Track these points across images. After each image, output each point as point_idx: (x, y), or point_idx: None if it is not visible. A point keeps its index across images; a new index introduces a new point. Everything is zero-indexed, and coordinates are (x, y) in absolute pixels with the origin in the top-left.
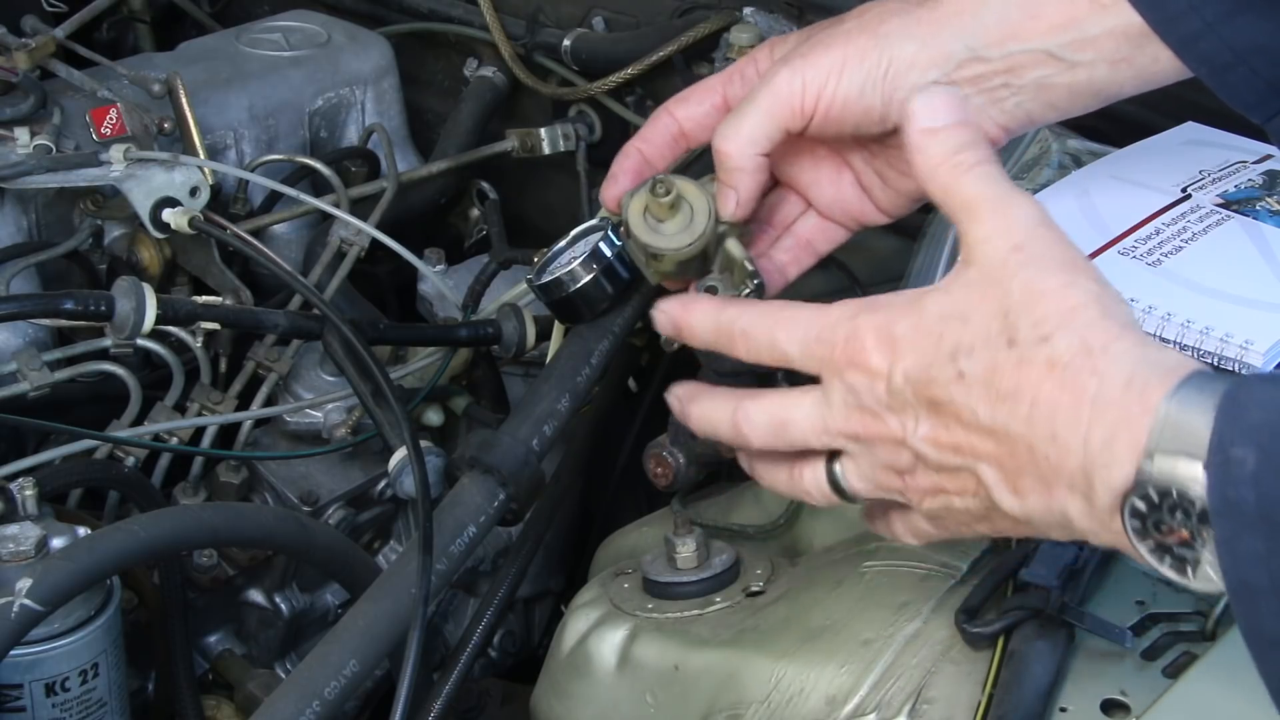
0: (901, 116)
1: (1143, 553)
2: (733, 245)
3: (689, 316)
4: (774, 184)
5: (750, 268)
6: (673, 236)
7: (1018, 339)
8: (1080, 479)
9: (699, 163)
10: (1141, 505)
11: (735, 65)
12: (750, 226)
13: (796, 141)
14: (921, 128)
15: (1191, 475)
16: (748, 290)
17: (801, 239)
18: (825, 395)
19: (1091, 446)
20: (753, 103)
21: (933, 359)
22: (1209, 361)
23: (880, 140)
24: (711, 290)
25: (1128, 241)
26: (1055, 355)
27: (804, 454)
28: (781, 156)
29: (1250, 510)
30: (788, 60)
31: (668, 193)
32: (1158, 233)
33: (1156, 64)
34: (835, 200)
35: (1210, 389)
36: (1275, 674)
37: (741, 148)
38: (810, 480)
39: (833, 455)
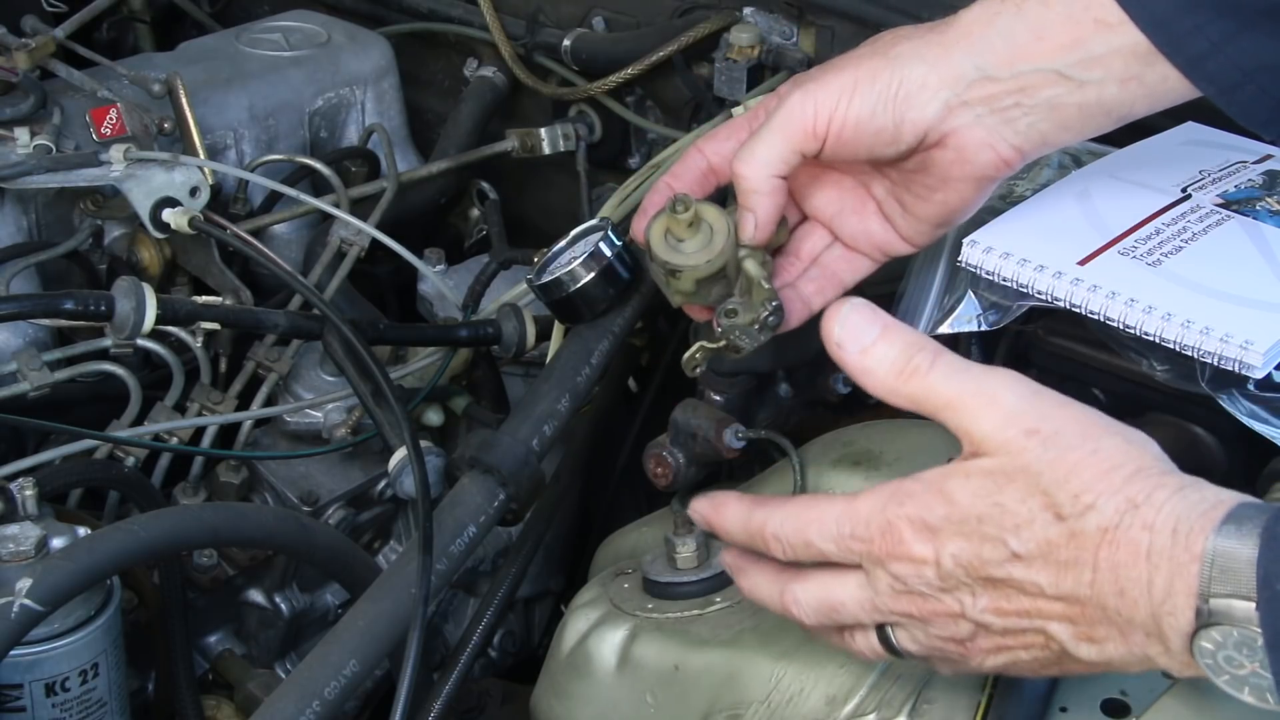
0: (831, 347)
1: (1222, 685)
2: (752, 268)
3: (720, 519)
4: (802, 219)
5: (768, 287)
6: (691, 255)
7: (1064, 513)
8: (1152, 625)
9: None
10: (1208, 645)
11: (760, 102)
12: (773, 258)
13: (820, 174)
14: (856, 352)
15: (1246, 615)
16: (767, 313)
17: (828, 270)
18: (870, 581)
19: (1155, 596)
20: (767, 127)
21: (980, 543)
22: (1209, 362)
23: (898, 168)
24: (732, 313)
25: (1128, 241)
26: (1104, 520)
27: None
28: (806, 189)
29: None
30: (800, 84)
31: (687, 209)
32: (1158, 233)
33: (1166, 83)
34: (860, 231)
35: (1249, 524)
36: None
37: (757, 170)
38: (863, 644)
39: (881, 624)
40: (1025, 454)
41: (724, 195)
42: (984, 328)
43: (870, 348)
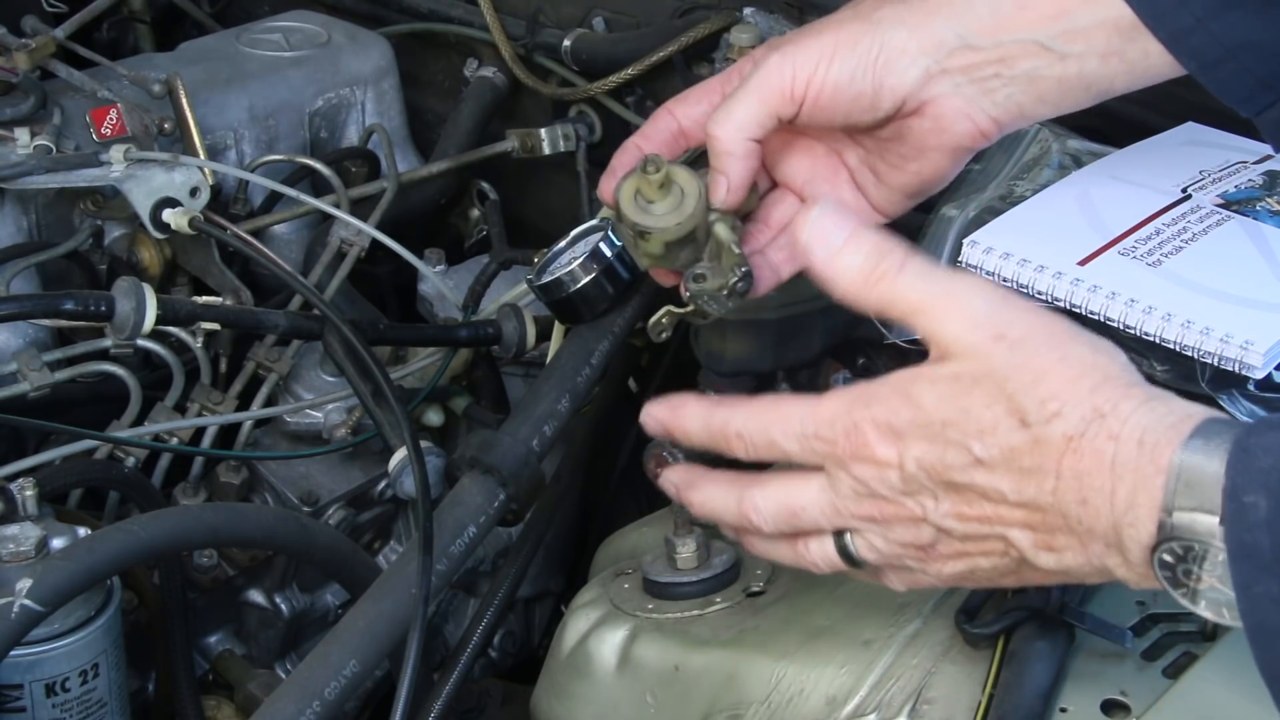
0: (800, 251)
1: (1178, 598)
2: (723, 232)
3: (679, 420)
4: (772, 186)
5: (738, 252)
6: (661, 217)
7: (1029, 419)
8: (1113, 536)
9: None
10: (1168, 558)
11: (735, 65)
12: (744, 224)
13: (792, 140)
14: (824, 256)
15: (1209, 529)
16: (736, 278)
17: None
18: (832, 484)
19: (1117, 507)
20: (744, 89)
21: (944, 448)
22: (1209, 362)
23: (873, 136)
24: (700, 278)
25: (1128, 242)
26: (1069, 428)
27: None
28: (778, 156)
29: (1265, 554)
30: (779, 47)
31: (657, 170)
32: (1158, 233)
33: (1147, 58)
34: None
35: (1217, 439)
36: None
37: (732, 133)
38: (818, 552)
39: (840, 529)
40: (992, 358)
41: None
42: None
43: (838, 252)
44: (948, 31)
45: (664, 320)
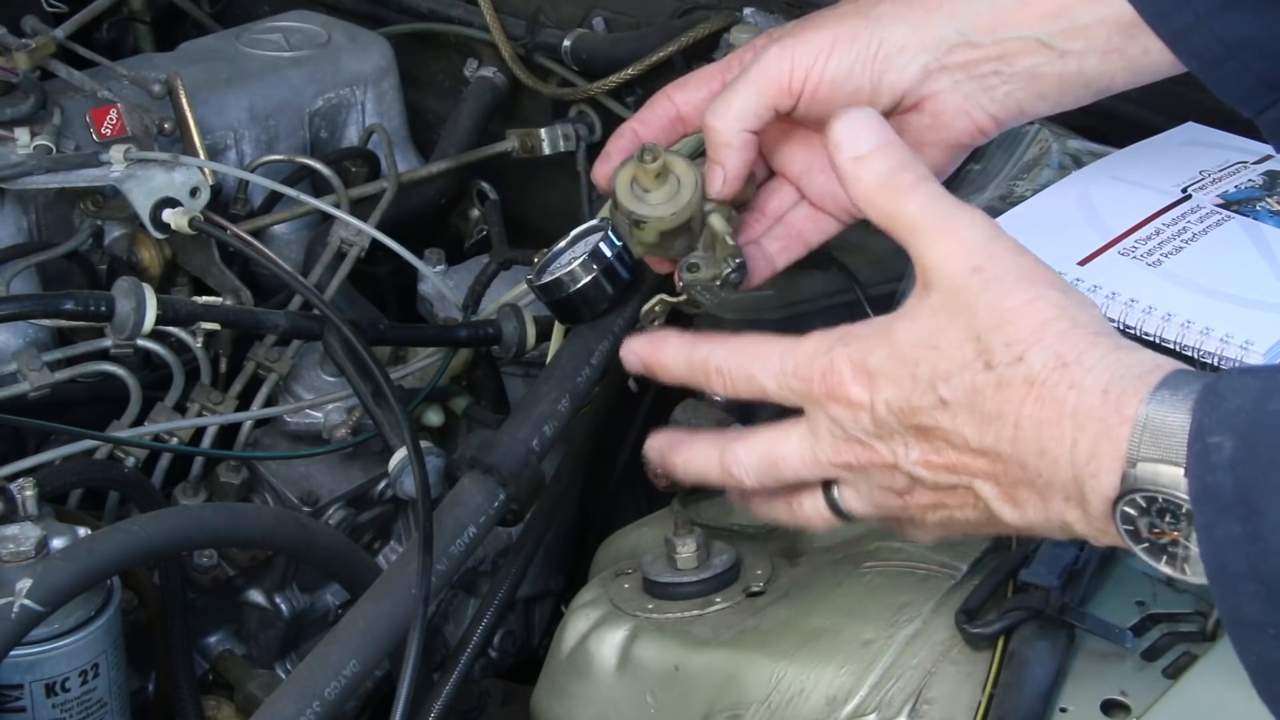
0: (827, 144)
1: (1139, 553)
2: (717, 222)
3: (659, 355)
4: (769, 175)
5: (732, 243)
6: (656, 206)
7: (994, 361)
8: (1073, 489)
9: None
10: (1131, 510)
11: (735, 53)
12: (739, 214)
13: (790, 130)
14: (850, 155)
15: (1173, 480)
16: (730, 269)
17: (793, 229)
18: (811, 429)
19: (1078, 458)
20: (742, 80)
21: (912, 388)
22: (1209, 362)
23: None
24: (694, 268)
25: (1128, 242)
26: (1031, 373)
27: (799, 485)
28: (775, 145)
29: (1227, 495)
30: (779, 39)
31: (655, 159)
32: (1158, 233)
33: (1147, 56)
34: (827, 191)
35: (1186, 389)
36: (1254, 657)
37: (730, 124)
38: (810, 509)
39: (828, 482)
40: (965, 291)
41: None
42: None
43: (864, 155)
44: (947, 28)
45: (656, 309)
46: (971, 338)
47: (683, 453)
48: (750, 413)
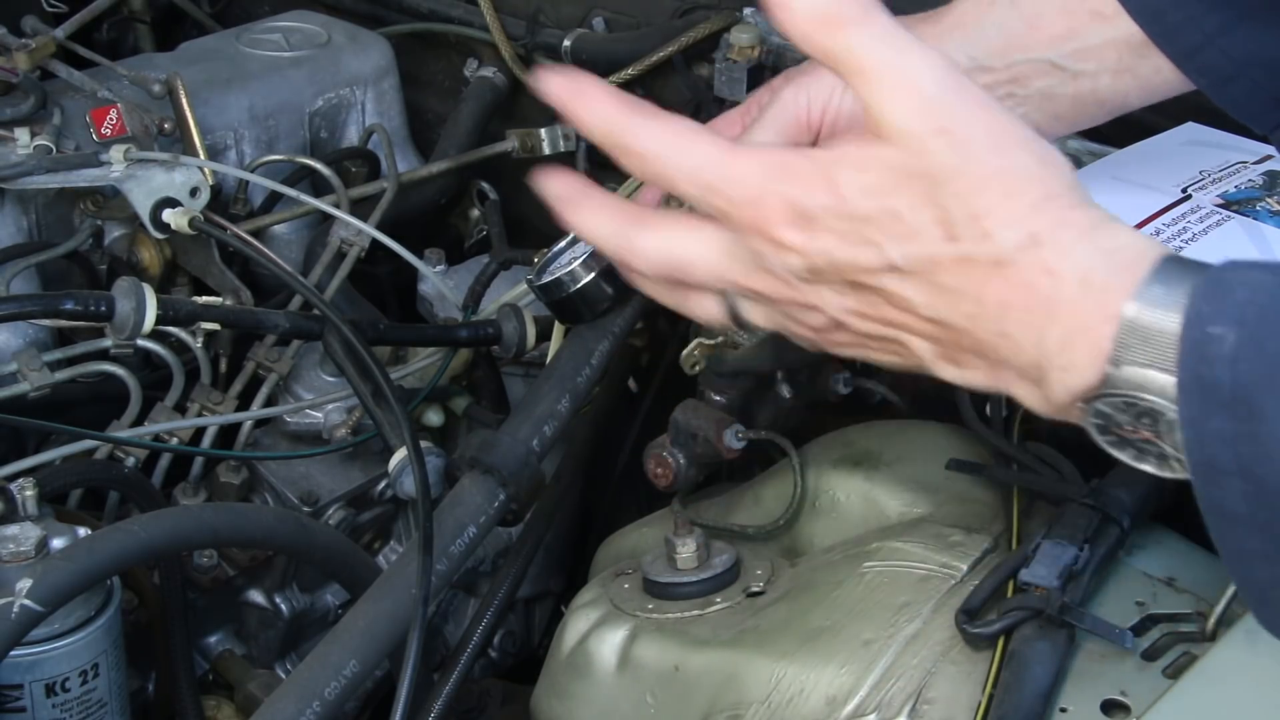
0: None
1: (1100, 442)
2: None
3: (581, 105)
4: None
5: None
6: None
7: (957, 234)
8: (1033, 372)
9: None
10: (1106, 408)
11: (754, 95)
12: None
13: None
14: None
15: (1162, 388)
16: None
17: None
18: (728, 247)
19: (1046, 348)
20: (760, 122)
21: (858, 247)
22: None
23: None
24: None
25: None
26: (1000, 252)
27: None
28: None
29: (1224, 391)
30: (793, 78)
31: (681, 205)
32: (1158, 233)
33: (1159, 75)
34: None
35: (1180, 281)
36: (1233, 548)
37: None
38: (706, 308)
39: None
40: (929, 155)
41: None
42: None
43: None
44: (959, 54)
45: (695, 352)
46: (933, 204)
47: (581, 213)
48: (751, 413)
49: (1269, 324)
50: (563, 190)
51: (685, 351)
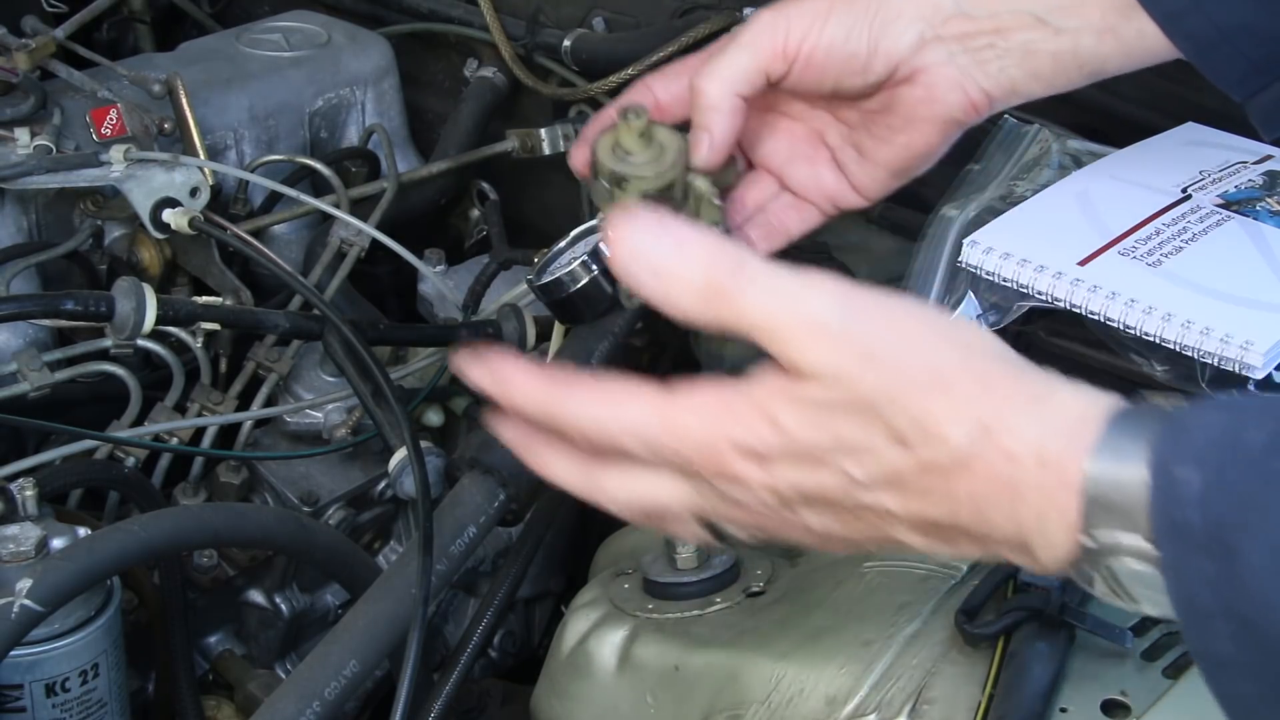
0: (620, 277)
1: (1095, 594)
2: (702, 185)
3: (507, 388)
4: (749, 167)
5: (717, 204)
6: (640, 166)
7: (910, 442)
8: (1018, 544)
9: None
10: (1089, 570)
11: (717, 42)
12: (722, 201)
13: (772, 120)
14: (651, 280)
15: (1135, 547)
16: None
17: (775, 219)
18: (694, 488)
19: (1025, 525)
20: (735, 43)
21: (819, 473)
22: (1210, 362)
23: (859, 108)
24: None
25: (1128, 242)
26: (956, 450)
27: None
28: (756, 135)
29: (1197, 532)
30: (774, 5)
31: (639, 117)
32: (1158, 233)
33: (1142, 39)
34: (810, 180)
35: (1138, 434)
36: (1229, 694)
37: (719, 86)
38: (686, 533)
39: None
40: (858, 384)
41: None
42: (984, 328)
43: (667, 271)
44: None
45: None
46: (878, 422)
47: (541, 459)
48: None
49: (1232, 463)
50: (517, 439)
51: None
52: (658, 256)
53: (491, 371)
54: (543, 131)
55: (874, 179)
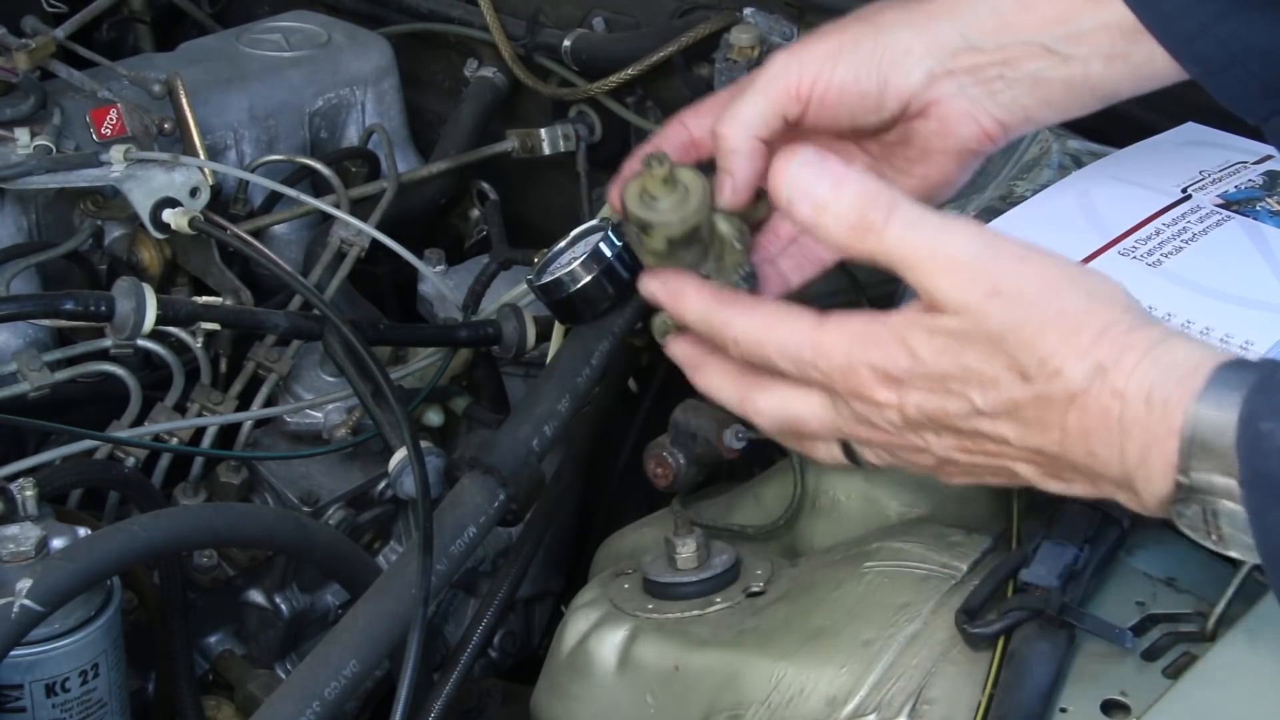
0: (782, 206)
1: (1195, 537)
2: (726, 229)
3: (678, 303)
4: None
5: (740, 248)
6: (664, 212)
7: (1029, 374)
8: (1124, 481)
9: None
10: (1186, 510)
11: (747, 76)
12: (754, 234)
13: None
14: (809, 212)
15: (1228, 490)
16: (738, 278)
17: (807, 248)
18: (833, 404)
19: (1129, 461)
20: (750, 88)
21: (945, 397)
22: None
23: (879, 140)
24: (704, 278)
25: (1128, 242)
26: (1071, 386)
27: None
28: None
29: (1278, 482)
30: (786, 49)
31: (661, 165)
32: (1158, 233)
33: (1152, 62)
34: None
35: (1231, 391)
36: None
37: (738, 131)
38: (824, 454)
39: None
40: (987, 317)
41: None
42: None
43: (823, 205)
44: (951, 33)
45: (667, 320)
46: (1001, 355)
47: (705, 376)
48: None
49: None
50: (687, 356)
51: (656, 320)
52: (817, 191)
53: (665, 284)
54: (543, 131)
55: None
